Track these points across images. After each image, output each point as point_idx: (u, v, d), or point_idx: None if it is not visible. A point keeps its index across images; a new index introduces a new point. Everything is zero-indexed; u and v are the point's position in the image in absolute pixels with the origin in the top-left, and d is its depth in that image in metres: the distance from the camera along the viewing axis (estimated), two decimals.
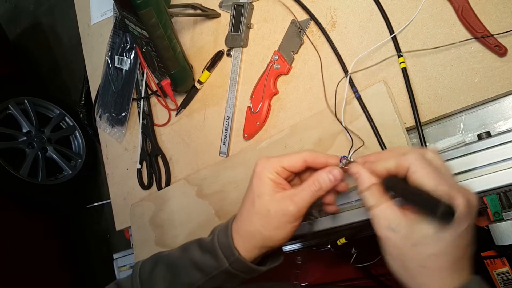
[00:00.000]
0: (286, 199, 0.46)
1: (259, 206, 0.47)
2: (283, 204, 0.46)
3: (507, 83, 0.49)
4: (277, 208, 0.46)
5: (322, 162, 0.48)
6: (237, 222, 0.49)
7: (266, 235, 0.47)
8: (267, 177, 0.48)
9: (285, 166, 0.48)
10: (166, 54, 0.68)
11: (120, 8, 0.65)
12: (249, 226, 0.48)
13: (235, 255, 0.47)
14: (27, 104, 1.96)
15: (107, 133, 0.86)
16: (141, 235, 0.75)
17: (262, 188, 0.47)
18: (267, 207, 0.47)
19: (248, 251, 0.48)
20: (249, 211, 0.48)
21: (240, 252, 0.47)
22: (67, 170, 2.04)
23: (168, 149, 0.78)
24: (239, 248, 0.47)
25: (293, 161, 0.48)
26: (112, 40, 0.85)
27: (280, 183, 0.48)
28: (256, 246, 0.48)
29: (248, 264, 0.48)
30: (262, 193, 0.47)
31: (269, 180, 0.47)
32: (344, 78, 0.59)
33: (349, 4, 0.62)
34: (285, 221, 0.47)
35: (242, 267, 0.48)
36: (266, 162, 0.49)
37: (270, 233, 0.47)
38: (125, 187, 0.83)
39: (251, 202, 0.48)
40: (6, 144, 1.85)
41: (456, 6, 0.53)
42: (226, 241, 0.48)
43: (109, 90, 0.84)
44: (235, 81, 0.70)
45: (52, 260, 1.91)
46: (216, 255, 0.48)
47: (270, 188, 0.47)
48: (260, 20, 0.70)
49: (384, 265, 0.42)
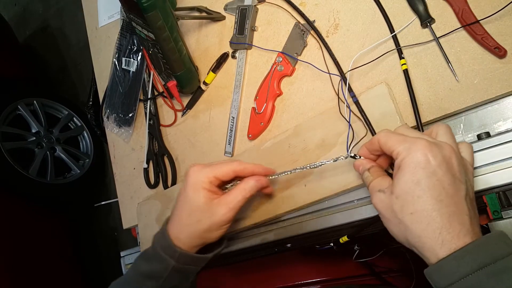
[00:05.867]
0: (222, 206, 0.52)
1: (198, 215, 0.52)
2: (220, 211, 0.52)
3: (506, 84, 0.50)
4: (216, 215, 0.52)
5: (249, 172, 0.55)
6: (174, 228, 0.53)
7: (205, 237, 0.53)
8: (202, 187, 0.52)
9: (217, 176, 0.53)
10: (172, 56, 0.69)
11: (127, 11, 0.66)
12: (188, 233, 0.52)
13: (177, 251, 0.51)
14: (36, 105, 1.99)
15: (114, 133, 0.88)
16: (147, 233, 0.76)
17: (199, 198, 0.52)
18: (206, 215, 0.52)
19: (189, 250, 0.53)
20: (187, 220, 0.53)
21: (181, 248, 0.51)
22: (75, 169, 2.07)
23: (174, 149, 0.79)
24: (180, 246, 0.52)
25: (224, 171, 0.53)
26: (119, 42, 0.86)
27: (213, 191, 0.53)
28: (196, 245, 0.53)
29: (192, 255, 0.52)
30: (199, 202, 0.52)
31: (204, 190, 0.52)
32: (343, 80, 0.60)
33: (351, 7, 0.63)
34: (223, 225, 0.53)
35: (188, 259, 0.52)
36: (199, 172, 0.53)
37: (208, 235, 0.53)
38: (132, 186, 0.84)
39: (189, 211, 0.52)
40: (16, 144, 1.87)
41: (456, 9, 0.54)
42: (166, 242, 0.52)
43: (117, 91, 0.86)
44: (240, 83, 0.71)
45: (60, 258, 1.93)
46: (160, 257, 0.51)
47: (206, 197, 0.52)
48: (264, 22, 0.72)
49: (386, 261, 0.43)
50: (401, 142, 0.41)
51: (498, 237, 0.37)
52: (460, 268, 0.35)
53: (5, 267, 1.58)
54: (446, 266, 0.36)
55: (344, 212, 0.59)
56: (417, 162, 0.39)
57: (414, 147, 0.40)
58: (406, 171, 0.39)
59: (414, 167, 0.39)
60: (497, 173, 0.49)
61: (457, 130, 0.55)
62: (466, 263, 0.35)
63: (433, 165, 0.39)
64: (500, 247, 0.36)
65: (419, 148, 0.39)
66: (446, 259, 0.36)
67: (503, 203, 0.50)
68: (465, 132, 0.54)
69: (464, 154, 0.43)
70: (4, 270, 1.57)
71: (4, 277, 1.56)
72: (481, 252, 0.36)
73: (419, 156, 0.39)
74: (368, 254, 0.63)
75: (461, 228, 0.37)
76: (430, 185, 0.38)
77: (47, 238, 1.92)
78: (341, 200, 0.59)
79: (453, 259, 0.36)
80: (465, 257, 0.36)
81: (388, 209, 0.41)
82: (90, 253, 2.18)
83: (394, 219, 0.41)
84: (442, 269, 0.37)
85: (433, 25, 0.56)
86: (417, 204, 0.38)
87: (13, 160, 1.78)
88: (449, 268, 0.36)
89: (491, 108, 0.53)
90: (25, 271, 1.68)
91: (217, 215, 0.52)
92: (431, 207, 0.38)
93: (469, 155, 0.43)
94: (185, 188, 0.53)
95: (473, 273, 0.35)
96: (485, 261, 0.35)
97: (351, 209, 0.59)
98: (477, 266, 0.35)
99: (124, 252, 0.90)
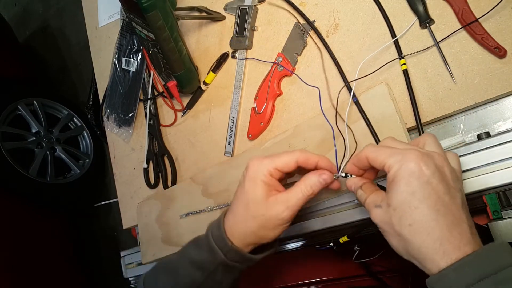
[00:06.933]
0: (280, 204, 0.48)
1: (253, 210, 0.48)
2: (277, 209, 0.48)
3: (506, 84, 0.50)
4: (272, 213, 0.48)
5: (313, 163, 0.49)
6: (229, 220, 0.51)
7: (260, 235, 0.49)
8: (261, 180, 0.48)
9: (278, 167, 0.49)
10: (172, 56, 0.69)
11: (127, 11, 0.66)
12: (243, 228, 0.49)
13: (229, 245, 0.49)
14: (36, 105, 1.99)
15: (114, 133, 0.88)
16: (147, 233, 0.76)
17: (256, 192, 0.48)
18: (262, 212, 0.48)
19: (242, 247, 0.50)
20: (243, 214, 0.49)
21: (233, 242, 0.49)
22: (75, 169, 2.07)
23: (174, 149, 0.79)
24: (233, 241, 0.49)
25: (286, 162, 0.49)
26: (119, 42, 0.86)
27: (273, 185, 0.49)
28: (250, 243, 0.50)
29: (243, 253, 0.49)
30: (256, 197, 0.48)
31: (263, 183, 0.48)
32: (345, 86, 0.60)
33: (351, 7, 0.63)
34: (279, 224, 0.48)
35: (237, 256, 0.49)
36: (259, 164, 0.49)
37: (263, 234, 0.49)
38: (132, 186, 0.84)
39: (245, 205, 0.49)
40: (16, 144, 1.87)
41: (456, 9, 0.54)
42: (219, 233, 0.49)
43: (117, 91, 0.86)
44: (240, 83, 0.71)
45: (60, 258, 1.93)
46: (211, 248, 0.49)
47: (264, 192, 0.48)
48: (264, 22, 0.72)
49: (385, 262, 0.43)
50: (392, 155, 0.41)
51: (499, 247, 0.37)
52: (461, 279, 0.35)
53: (5, 267, 1.58)
54: (447, 277, 0.36)
55: (344, 212, 0.59)
56: (411, 173, 0.39)
57: (406, 158, 0.39)
58: (401, 183, 0.39)
59: (408, 178, 0.39)
60: (497, 173, 0.49)
61: (457, 130, 0.55)
62: (467, 274, 0.35)
63: (427, 175, 0.38)
64: (501, 257, 0.36)
65: (411, 159, 0.39)
66: (447, 269, 0.36)
67: (503, 203, 0.50)
68: (465, 132, 0.54)
69: (452, 163, 0.43)
70: (4, 270, 1.57)
71: (4, 277, 1.56)
72: (482, 263, 0.35)
73: (412, 167, 0.39)
74: (367, 255, 0.63)
75: (461, 237, 0.37)
76: (426, 194, 0.38)
77: (47, 238, 1.92)
78: (341, 200, 0.59)
79: (454, 270, 0.36)
80: (466, 268, 0.35)
81: (387, 223, 0.41)
82: (90, 253, 2.18)
83: (393, 232, 0.40)
84: (443, 280, 0.36)
85: (433, 25, 0.56)
86: (415, 214, 0.38)
87: (13, 160, 1.78)
88: (451, 279, 0.36)
89: (491, 108, 0.53)
90: (25, 271, 1.68)
91: (272, 212, 0.48)
92: (430, 217, 0.37)
93: (457, 164, 0.43)
94: (244, 181, 0.50)
95: (475, 284, 0.34)
96: (487, 271, 0.35)
97: (351, 209, 0.59)
98: (479, 277, 0.35)
99: (124, 252, 0.90)
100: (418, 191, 0.38)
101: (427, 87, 0.55)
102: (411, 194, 0.38)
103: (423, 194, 0.38)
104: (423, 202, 0.38)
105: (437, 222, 0.37)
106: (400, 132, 0.53)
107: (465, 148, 0.51)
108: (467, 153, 0.51)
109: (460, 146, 0.53)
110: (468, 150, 0.51)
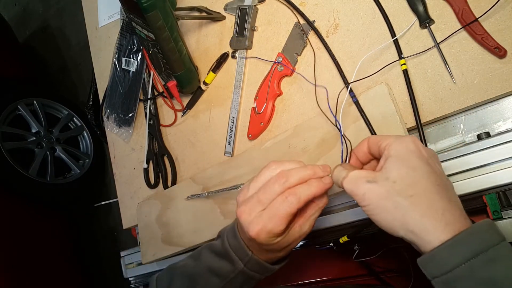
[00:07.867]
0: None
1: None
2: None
3: (506, 84, 0.50)
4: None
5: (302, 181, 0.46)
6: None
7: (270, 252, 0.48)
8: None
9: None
10: (172, 56, 0.69)
11: (127, 11, 0.66)
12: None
13: (249, 255, 0.48)
14: (36, 105, 1.99)
15: (114, 133, 0.88)
16: (147, 233, 0.76)
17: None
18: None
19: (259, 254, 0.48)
20: None
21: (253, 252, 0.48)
22: (75, 169, 2.07)
23: (174, 149, 0.79)
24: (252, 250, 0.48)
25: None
26: (119, 42, 0.86)
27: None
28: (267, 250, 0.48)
29: (262, 263, 0.48)
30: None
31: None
32: (345, 87, 0.60)
33: (351, 7, 0.63)
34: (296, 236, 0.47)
35: (257, 266, 0.49)
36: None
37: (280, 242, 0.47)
38: (132, 186, 0.84)
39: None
40: (16, 144, 1.87)
41: (456, 9, 0.54)
42: (237, 243, 0.49)
43: (117, 91, 0.86)
44: (240, 83, 0.71)
45: (60, 258, 1.93)
46: (230, 257, 0.49)
47: None
48: (264, 22, 0.72)
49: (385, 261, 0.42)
50: (390, 136, 0.42)
51: (488, 226, 0.37)
52: (453, 257, 0.35)
53: (5, 267, 1.58)
54: (439, 255, 0.36)
55: (344, 212, 0.59)
56: (411, 151, 0.40)
57: (404, 138, 0.41)
58: (400, 158, 0.40)
59: (408, 155, 0.40)
60: (497, 173, 0.49)
61: (457, 130, 0.55)
62: (459, 252, 0.35)
63: (425, 157, 0.40)
64: (491, 235, 0.36)
65: (410, 140, 0.41)
66: (439, 248, 0.36)
67: (503, 203, 0.50)
68: (465, 132, 0.54)
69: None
70: (4, 270, 1.57)
71: (4, 277, 1.56)
72: (474, 241, 0.35)
73: (412, 146, 0.40)
74: (368, 254, 0.63)
75: (460, 212, 0.38)
76: (428, 171, 0.39)
77: (47, 238, 1.92)
78: (341, 200, 0.59)
79: (445, 248, 0.36)
80: (458, 246, 0.35)
81: (382, 198, 0.39)
82: (90, 253, 2.18)
83: (389, 206, 0.39)
84: (435, 258, 0.36)
85: (433, 25, 0.56)
86: (417, 187, 0.38)
87: (13, 160, 1.78)
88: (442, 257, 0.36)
89: (491, 108, 0.53)
90: (25, 271, 1.68)
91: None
92: (432, 190, 0.38)
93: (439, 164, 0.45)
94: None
95: (466, 262, 0.35)
96: (478, 249, 0.35)
97: (351, 209, 0.59)
98: (470, 254, 0.35)
99: (124, 252, 0.90)
100: (419, 168, 0.39)
101: (427, 87, 0.55)
102: (413, 169, 0.39)
103: (425, 170, 0.39)
104: (425, 178, 0.38)
105: (439, 195, 0.38)
106: (400, 132, 0.53)
107: (465, 148, 0.52)
108: (467, 153, 0.51)
109: (460, 146, 0.53)
110: (468, 150, 0.51)
